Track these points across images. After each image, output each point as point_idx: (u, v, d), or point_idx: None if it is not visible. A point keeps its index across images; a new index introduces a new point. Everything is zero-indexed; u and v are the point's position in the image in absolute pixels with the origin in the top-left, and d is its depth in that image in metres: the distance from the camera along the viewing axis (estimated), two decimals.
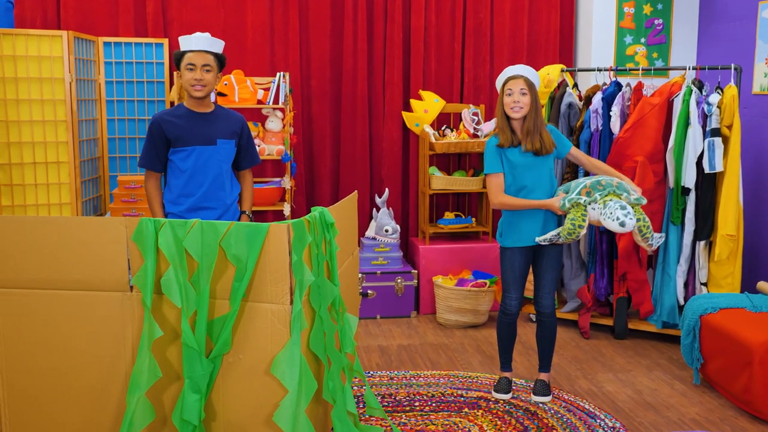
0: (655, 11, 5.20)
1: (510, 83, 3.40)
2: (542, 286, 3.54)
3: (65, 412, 2.54)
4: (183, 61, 3.15)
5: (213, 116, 3.24)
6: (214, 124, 3.23)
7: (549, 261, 3.51)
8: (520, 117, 3.39)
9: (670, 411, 3.52)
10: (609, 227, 3.23)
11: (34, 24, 4.74)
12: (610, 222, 3.21)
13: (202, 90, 3.14)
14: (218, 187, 3.24)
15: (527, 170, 3.42)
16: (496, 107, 3.49)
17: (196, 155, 3.18)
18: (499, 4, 5.32)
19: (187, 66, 3.13)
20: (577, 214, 3.29)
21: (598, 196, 3.28)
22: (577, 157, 3.58)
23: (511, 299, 3.55)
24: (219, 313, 2.41)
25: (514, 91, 3.38)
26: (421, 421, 3.35)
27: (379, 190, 5.29)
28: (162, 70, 4.81)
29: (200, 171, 3.20)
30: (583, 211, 3.29)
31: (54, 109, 4.30)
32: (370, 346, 4.39)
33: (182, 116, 3.20)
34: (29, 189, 4.33)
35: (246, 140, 3.34)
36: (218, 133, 3.22)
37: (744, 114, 4.68)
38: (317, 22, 5.12)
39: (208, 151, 3.19)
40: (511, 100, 3.38)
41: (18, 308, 2.50)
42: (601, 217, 3.24)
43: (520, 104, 3.36)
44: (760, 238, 4.66)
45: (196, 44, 3.14)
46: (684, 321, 3.84)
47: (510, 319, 3.60)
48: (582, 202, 3.29)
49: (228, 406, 2.45)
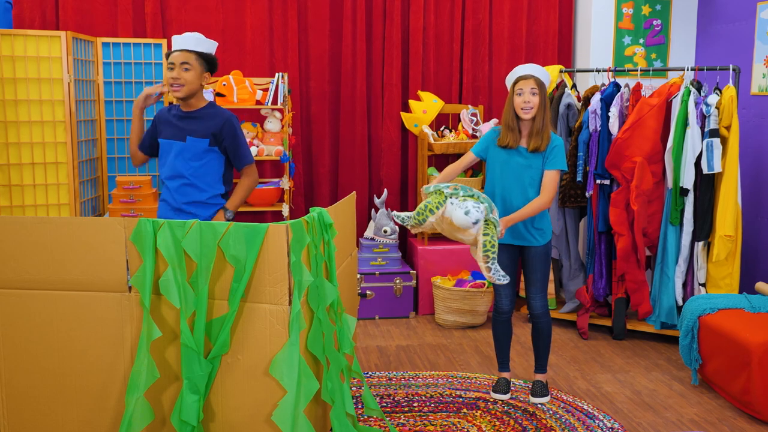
0: (653, 12, 5.20)
1: (521, 83, 3.35)
2: (530, 287, 3.53)
3: (64, 412, 2.54)
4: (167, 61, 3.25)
5: (196, 114, 3.28)
6: (193, 121, 3.27)
7: (534, 261, 3.48)
8: (530, 118, 3.35)
9: (668, 411, 3.52)
10: (454, 218, 3.07)
11: (32, 24, 4.74)
12: (458, 211, 3.06)
13: (180, 90, 3.20)
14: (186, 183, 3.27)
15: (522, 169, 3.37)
16: (505, 105, 3.43)
17: (165, 148, 3.31)
18: (497, 5, 5.32)
19: (168, 65, 3.22)
20: (434, 200, 3.15)
21: (461, 193, 3.14)
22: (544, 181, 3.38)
23: (501, 297, 3.55)
24: (218, 314, 2.41)
25: (524, 91, 3.33)
26: (420, 421, 3.35)
27: (378, 191, 5.29)
28: (161, 71, 4.80)
29: (167, 164, 3.30)
30: (441, 199, 3.13)
31: (52, 110, 4.29)
32: (368, 347, 4.39)
33: (172, 112, 3.34)
34: (28, 189, 4.33)
35: (230, 140, 3.29)
36: (190, 131, 3.26)
37: (742, 115, 4.68)
38: (316, 23, 5.12)
39: (175, 146, 3.27)
40: (522, 100, 3.33)
41: (17, 309, 2.50)
42: (452, 207, 3.09)
43: (530, 104, 3.32)
44: (759, 239, 4.66)
45: (179, 43, 3.22)
46: (682, 321, 3.85)
47: (503, 318, 3.60)
48: (445, 192, 3.15)
49: (227, 407, 2.45)
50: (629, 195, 4.28)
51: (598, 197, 4.50)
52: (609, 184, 4.46)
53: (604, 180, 4.45)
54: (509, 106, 3.40)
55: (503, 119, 3.44)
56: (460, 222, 3.06)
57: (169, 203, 3.32)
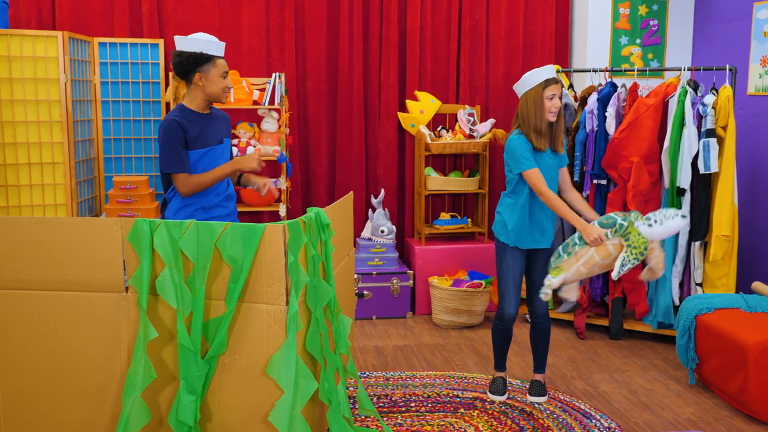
0: (650, 12, 5.21)
1: (552, 88, 3.34)
2: (535, 288, 3.53)
3: (61, 412, 2.53)
4: (213, 66, 3.06)
5: (213, 116, 3.25)
6: (218, 124, 3.25)
7: (543, 263, 3.49)
8: (555, 120, 3.40)
9: (665, 411, 3.52)
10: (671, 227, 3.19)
11: (29, 24, 4.73)
12: (670, 221, 3.17)
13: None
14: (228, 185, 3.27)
15: (552, 171, 3.43)
16: (526, 109, 3.35)
17: (211, 155, 3.15)
18: (494, 5, 5.32)
19: (222, 74, 3.09)
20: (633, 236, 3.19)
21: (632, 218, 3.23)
22: (563, 177, 3.53)
23: (510, 305, 3.48)
24: (215, 314, 2.41)
25: (556, 96, 3.34)
26: (417, 421, 3.35)
27: (375, 191, 5.29)
28: (157, 71, 4.80)
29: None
30: (636, 231, 3.19)
31: (49, 110, 4.29)
32: (366, 347, 4.39)
33: (194, 118, 3.12)
34: (24, 190, 4.32)
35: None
36: (222, 132, 3.26)
37: (739, 115, 4.69)
38: (313, 23, 5.12)
39: (218, 150, 3.18)
40: (553, 105, 3.34)
41: (14, 309, 2.50)
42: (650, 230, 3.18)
43: (559, 108, 3.37)
44: (755, 239, 4.67)
45: (223, 50, 3.12)
46: (679, 321, 3.85)
47: (507, 326, 3.56)
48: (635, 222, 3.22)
49: (224, 407, 2.45)
50: (626, 195, 4.29)
51: (595, 197, 4.51)
52: (606, 184, 4.46)
53: (601, 180, 4.46)
54: (538, 110, 3.34)
55: (533, 124, 3.35)
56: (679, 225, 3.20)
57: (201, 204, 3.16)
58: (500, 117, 5.33)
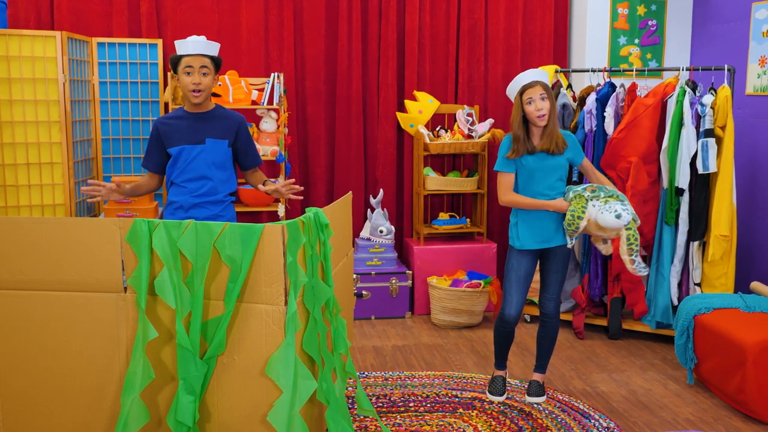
0: (649, 12, 5.21)
1: (528, 92, 3.30)
2: (548, 287, 3.51)
3: (60, 413, 2.53)
4: (180, 65, 3.15)
5: (209, 116, 3.25)
6: (208, 123, 3.24)
7: (556, 261, 3.47)
8: (545, 124, 3.34)
9: (664, 411, 3.53)
10: (604, 221, 3.21)
11: (27, 24, 4.72)
12: (608, 215, 3.20)
13: (200, 95, 3.17)
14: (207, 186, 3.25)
15: (540, 172, 3.37)
16: (512, 116, 3.37)
17: (185, 154, 3.22)
18: (493, 5, 5.33)
19: (184, 69, 3.14)
20: (577, 206, 3.28)
21: (602, 194, 3.28)
22: (587, 169, 3.55)
23: (512, 306, 3.45)
24: (213, 314, 2.41)
25: (534, 99, 3.29)
26: (416, 421, 3.35)
27: (374, 191, 5.29)
28: (156, 71, 4.80)
29: (188, 168, 3.23)
30: (583, 203, 3.28)
31: (47, 110, 4.28)
32: (364, 347, 4.39)
33: (179, 118, 3.26)
34: (23, 190, 4.32)
35: (244, 141, 3.34)
36: (209, 133, 3.23)
37: (737, 115, 4.70)
38: (312, 23, 5.12)
39: (195, 150, 3.21)
40: (534, 108, 3.29)
41: (12, 309, 2.50)
42: (599, 210, 3.23)
43: (543, 111, 3.29)
44: (754, 239, 4.68)
45: (193, 48, 3.14)
46: (678, 321, 3.86)
47: (508, 328, 3.55)
48: (585, 196, 3.28)
49: (223, 407, 2.45)
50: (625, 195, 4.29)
51: None
52: None
53: None
54: (517, 116, 3.35)
55: (512, 130, 3.38)
56: (611, 225, 3.22)
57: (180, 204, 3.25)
58: (499, 117, 5.34)
